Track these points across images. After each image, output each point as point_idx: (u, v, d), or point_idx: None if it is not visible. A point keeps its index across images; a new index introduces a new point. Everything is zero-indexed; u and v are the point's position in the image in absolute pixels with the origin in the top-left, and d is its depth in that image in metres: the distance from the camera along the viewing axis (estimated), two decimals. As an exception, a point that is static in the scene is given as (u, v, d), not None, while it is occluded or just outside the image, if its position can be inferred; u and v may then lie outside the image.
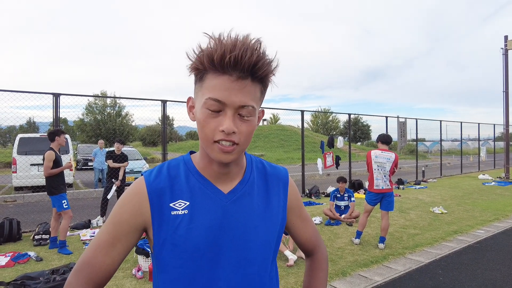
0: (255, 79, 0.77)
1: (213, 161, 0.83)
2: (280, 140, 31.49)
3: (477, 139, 20.49)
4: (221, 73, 0.75)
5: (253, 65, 0.74)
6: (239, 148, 0.79)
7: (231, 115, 0.76)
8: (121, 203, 0.85)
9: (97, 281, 0.83)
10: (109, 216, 0.86)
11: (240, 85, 0.75)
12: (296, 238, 1.04)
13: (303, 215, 1.02)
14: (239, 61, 0.72)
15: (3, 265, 4.23)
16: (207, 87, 0.76)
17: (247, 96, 0.76)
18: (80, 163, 16.95)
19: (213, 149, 0.78)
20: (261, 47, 0.75)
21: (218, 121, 0.76)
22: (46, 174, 4.79)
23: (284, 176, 0.97)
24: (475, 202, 8.67)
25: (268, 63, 0.77)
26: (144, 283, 3.69)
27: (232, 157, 0.79)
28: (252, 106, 0.77)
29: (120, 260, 0.85)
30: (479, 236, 5.57)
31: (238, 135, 0.77)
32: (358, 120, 44.59)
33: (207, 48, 0.75)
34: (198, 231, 0.81)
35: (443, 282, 3.77)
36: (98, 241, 0.84)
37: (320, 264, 1.05)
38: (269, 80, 0.81)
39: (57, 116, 6.26)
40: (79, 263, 0.83)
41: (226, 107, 0.76)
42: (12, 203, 9.04)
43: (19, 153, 9.92)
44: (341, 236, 5.52)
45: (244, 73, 0.74)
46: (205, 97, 0.76)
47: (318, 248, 1.06)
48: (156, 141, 35.82)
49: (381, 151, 5.02)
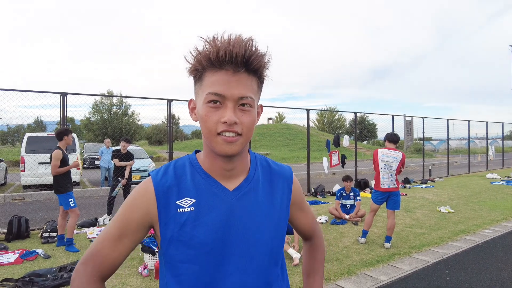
0: (250, 72, 0.82)
1: (218, 157, 0.86)
2: (285, 139, 31.45)
3: (485, 137, 20.26)
4: (218, 69, 0.80)
5: (247, 58, 0.79)
6: (242, 139, 0.82)
7: (231, 107, 0.80)
8: (129, 201, 0.88)
9: (103, 271, 0.87)
10: (118, 211, 0.90)
11: (237, 78, 0.80)
12: (297, 227, 1.10)
13: (305, 208, 1.08)
14: (233, 55, 0.77)
15: (12, 262, 4.29)
16: (207, 84, 0.81)
17: (245, 87, 0.81)
18: (87, 162, 17.10)
19: (217, 142, 0.81)
20: (252, 43, 0.80)
21: (220, 114, 0.80)
22: (53, 173, 4.85)
23: (289, 175, 1.00)
24: (483, 201, 8.57)
25: (260, 56, 0.81)
26: (150, 281, 3.72)
27: (236, 147, 0.81)
28: (251, 97, 0.82)
29: (126, 253, 0.88)
30: (487, 236, 5.51)
31: (240, 125, 0.80)
32: (364, 118, 44.32)
33: (203, 49, 0.80)
34: (205, 228, 0.84)
35: (450, 282, 3.74)
36: (106, 235, 0.87)
37: (318, 246, 1.14)
38: (264, 73, 0.86)
39: (64, 115, 6.32)
40: (87, 254, 0.88)
41: (226, 100, 0.80)
42: (21, 201, 9.16)
43: (27, 151, 10.04)
44: (347, 235, 5.50)
45: (239, 66, 0.79)
46: (205, 93, 0.81)
47: (315, 233, 1.14)
48: (162, 140, 35.98)
49: (388, 150, 4.99)
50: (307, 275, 1.13)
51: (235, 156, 0.85)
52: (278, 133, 33.06)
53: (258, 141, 30.28)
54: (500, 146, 23.73)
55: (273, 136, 32.13)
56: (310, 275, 1.12)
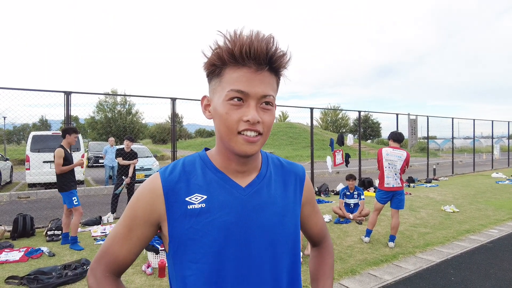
0: (272, 71, 0.81)
1: (233, 157, 0.84)
2: (289, 138, 31.40)
3: (491, 136, 20.08)
4: (241, 65, 0.78)
5: (270, 56, 0.77)
6: (262, 138, 0.81)
7: (254, 105, 0.78)
8: (136, 198, 0.86)
9: (115, 268, 0.87)
10: (125, 209, 0.88)
11: (260, 76, 0.78)
12: (308, 230, 1.06)
13: (316, 209, 1.05)
14: (258, 53, 0.76)
15: (17, 260, 4.32)
16: (228, 81, 0.78)
17: (267, 86, 0.79)
18: (91, 161, 17.20)
19: (237, 141, 0.78)
20: (274, 41, 0.78)
21: (242, 112, 0.78)
22: (57, 171, 4.87)
23: (301, 173, 0.99)
24: (488, 201, 8.50)
25: (283, 55, 0.80)
26: (153, 279, 3.73)
27: (256, 147, 0.80)
28: (273, 95, 0.81)
29: (136, 251, 0.87)
30: (492, 235, 5.46)
31: (262, 124, 0.79)
32: (368, 117, 44.13)
33: (225, 44, 0.77)
34: (216, 225, 0.81)
35: (455, 282, 3.71)
36: (115, 233, 0.87)
37: (329, 250, 1.10)
38: (282, 72, 0.84)
39: (69, 114, 6.35)
40: (100, 251, 0.89)
41: (249, 98, 0.78)
42: (26, 199, 9.22)
43: (32, 150, 10.10)
44: (351, 235, 5.48)
45: (262, 64, 0.78)
46: (226, 90, 0.78)
47: (326, 237, 1.11)
48: (166, 138, 36.11)
49: (393, 149, 4.96)
50: (316, 280, 1.07)
51: (252, 156, 0.82)
52: (282, 131, 33.01)
53: (261, 140, 30.21)
54: (505, 145, 23.52)
55: (277, 135, 32.09)
56: (320, 279, 1.06)
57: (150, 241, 0.89)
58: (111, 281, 0.87)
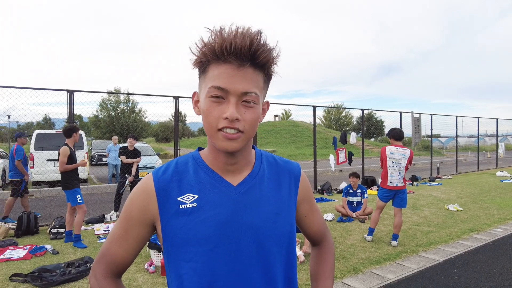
0: (257, 67, 0.78)
1: (220, 152, 0.83)
2: (292, 136, 31.36)
3: (495, 135, 19.95)
4: (222, 62, 0.76)
5: (253, 52, 0.75)
6: (244, 136, 0.79)
7: (234, 102, 0.76)
8: (130, 199, 0.87)
9: (114, 269, 0.89)
10: (121, 210, 0.90)
11: (242, 73, 0.76)
12: (307, 229, 1.05)
13: (314, 207, 1.03)
14: (238, 48, 0.74)
15: (21, 257, 4.35)
16: (210, 77, 0.78)
17: (250, 83, 0.77)
18: (95, 159, 17.28)
19: (218, 138, 0.78)
20: (261, 36, 0.76)
21: (222, 109, 0.77)
22: (61, 169, 4.90)
23: (296, 170, 0.97)
24: (493, 199, 8.45)
25: (268, 50, 0.77)
26: (156, 277, 3.74)
27: (237, 145, 0.79)
28: (255, 93, 0.78)
29: (134, 251, 0.89)
30: (497, 234, 5.43)
31: (242, 122, 0.77)
32: (372, 115, 44.00)
33: (209, 41, 0.77)
34: (208, 224, 0.81)
35: (458, 281, 3.69)
36: (113, 234, 0.89)
37: (329, 249, 1.08)
38: (272, 69, 0.82)
39: (72, 113, 6.38)
40: (100, 253, 0.91)
41: (229, 95, 0.76)
42: (30, 197, 9.28)
43: (36, 148, 10.17)
44: (353, 233, 5.47)
45: (244, 60, 0.76)
46: (208, 86, 0.78)
47: (326, 236, 1.09)
48: (169, 137, 36.17)
49: (396, 147, 4.94)
50: (316, 279, 1.05)
51: (236, 152, 0.83)
52: (285, 130, 32.97)
53: (264, 138, 30.25)
54: (510, 143, 23.37)
55: (280, 133, 32.06)
56: (320, 279, 1.03)
57: (147, 241, 0.90)
58: (111, 281, 0.89)
